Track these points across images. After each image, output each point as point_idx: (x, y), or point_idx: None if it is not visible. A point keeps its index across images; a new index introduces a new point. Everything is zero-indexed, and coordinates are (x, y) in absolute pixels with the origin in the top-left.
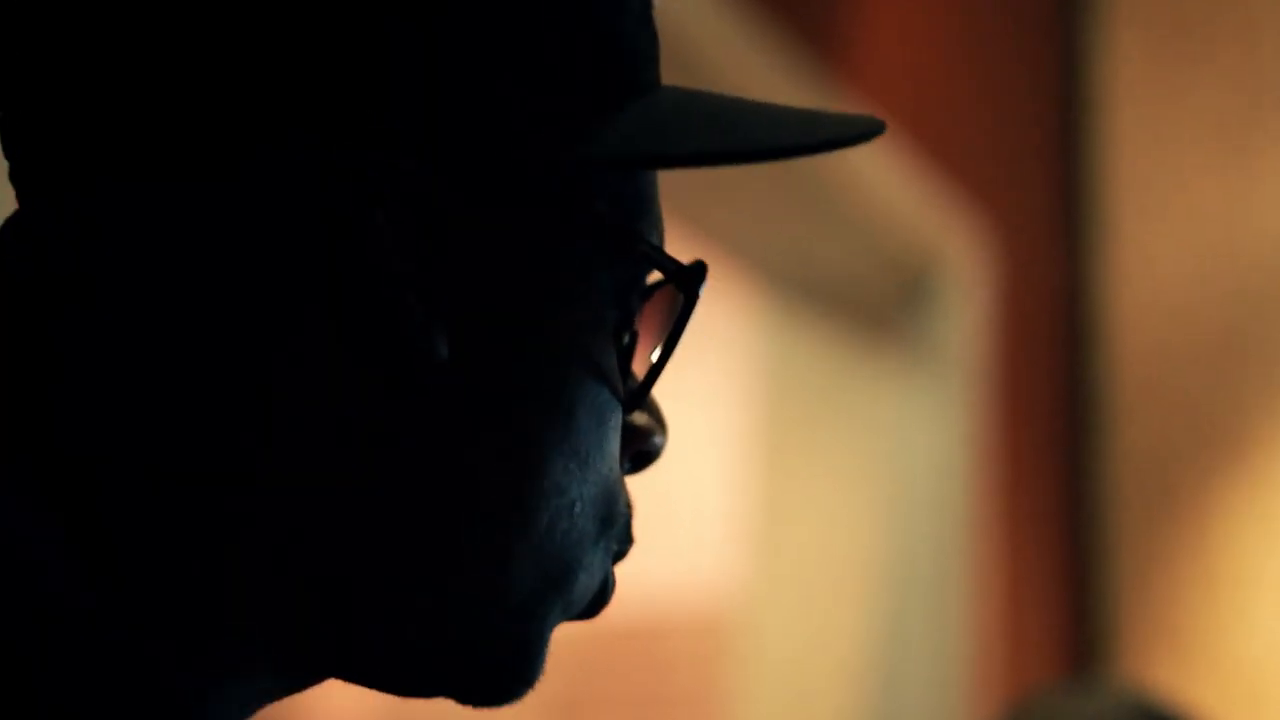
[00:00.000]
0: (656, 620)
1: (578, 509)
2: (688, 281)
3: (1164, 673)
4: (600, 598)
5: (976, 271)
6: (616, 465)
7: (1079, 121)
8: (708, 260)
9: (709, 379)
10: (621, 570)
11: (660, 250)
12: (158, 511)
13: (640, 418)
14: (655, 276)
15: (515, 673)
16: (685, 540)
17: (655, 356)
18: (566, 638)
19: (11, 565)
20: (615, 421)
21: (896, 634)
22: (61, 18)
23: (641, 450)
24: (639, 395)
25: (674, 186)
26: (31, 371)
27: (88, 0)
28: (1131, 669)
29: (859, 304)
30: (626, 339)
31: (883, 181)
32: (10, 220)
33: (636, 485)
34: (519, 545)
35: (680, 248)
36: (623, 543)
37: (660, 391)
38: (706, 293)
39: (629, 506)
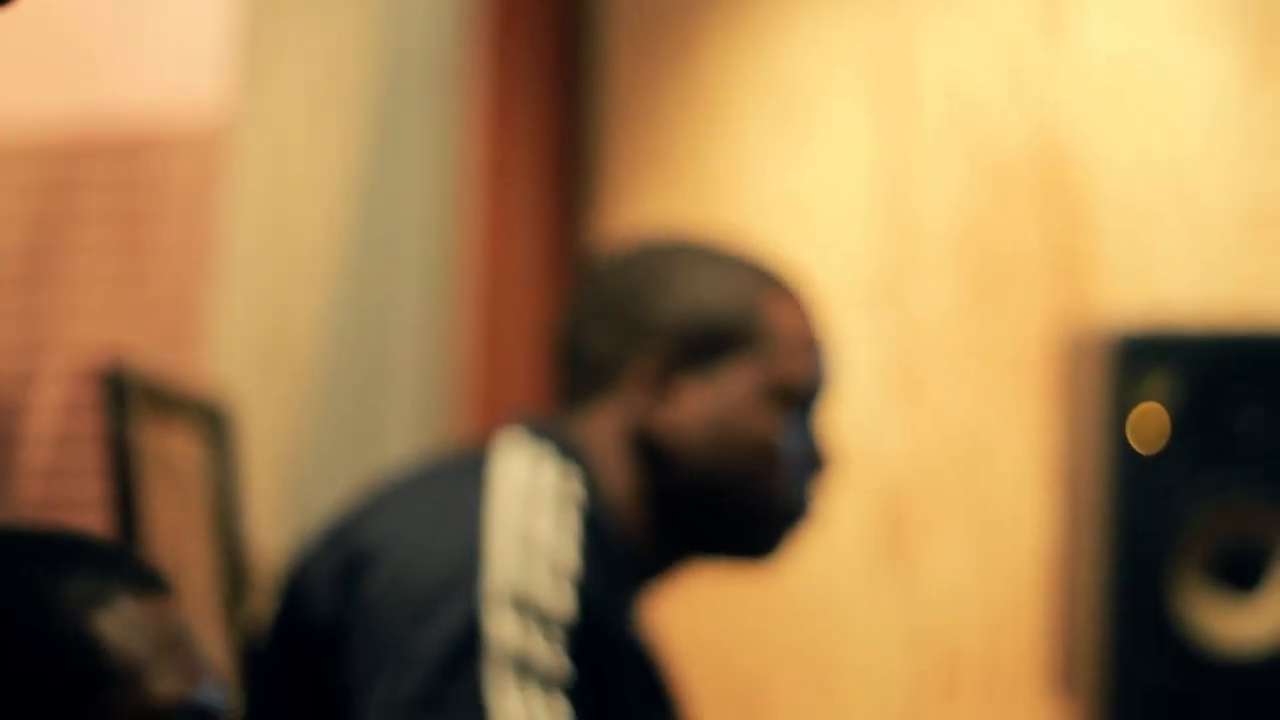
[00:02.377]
0: (140, 134)
1: None
2: None
3: (653, 196)
4: None
5: None
6: None
7: None
8: None
9: None
10: (98, 83)
11: None
12: None
13: None
14: None
15: None
16: (170, 53)
17: None
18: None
19: None
20: None
21: (386, 150)
22: None
23: None
24: None
25: None
26: None
27: None
28: (621, 194)
29: None
30: None
31: None
32: None
33: None
34: None
35: None
36: None
37: None
38: None
39: None
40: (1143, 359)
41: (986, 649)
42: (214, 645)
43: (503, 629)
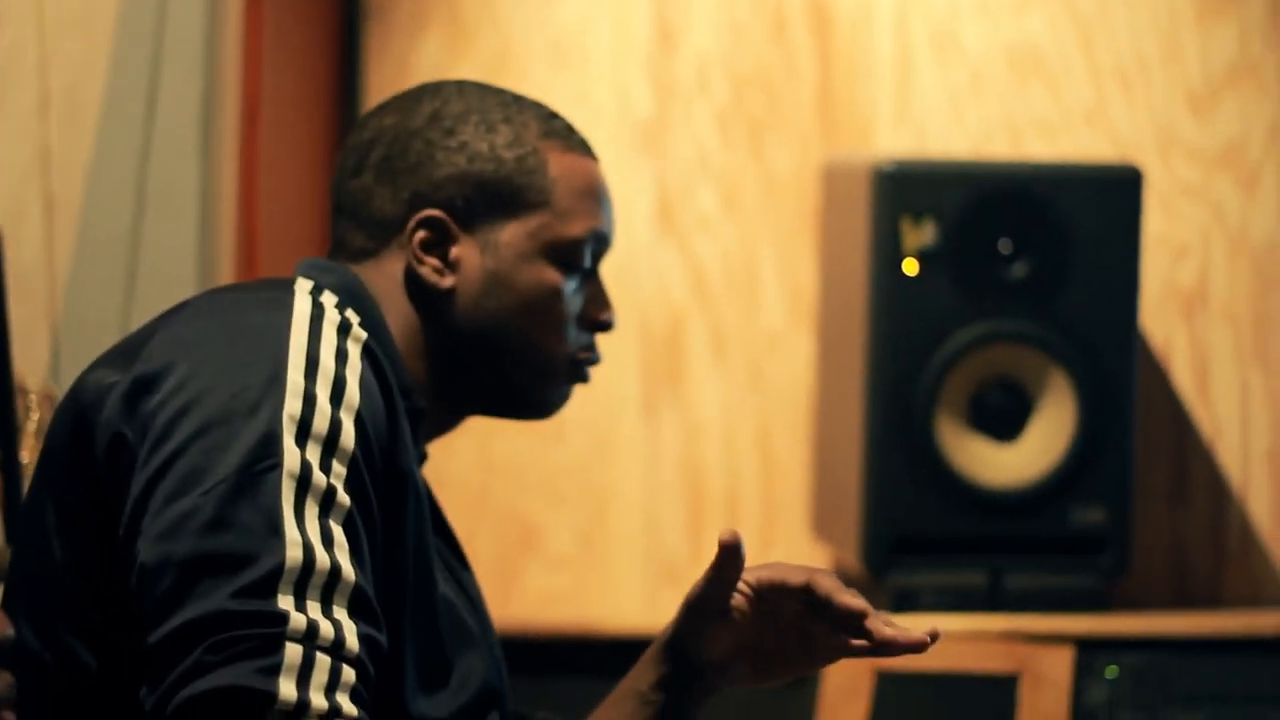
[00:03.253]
0: None
1: None
2: None
3: (426, 43)
4: None
5: None
6: None
7: None
8: None
9: None
10: None
11: None
12: None
13: None
14: None
15: None
16: None
17: None
18: None
19: None
20: None
21: None
22: None
23: None
24: None
25: None
26: None
27: None
28: (393, 41)
29: None
30: None
31: None
32: None
33: None
34: None
35: None
36: None
37: None
38: None
39: None
40: (905, 196)
41: (762, 485)
42: None
43: (292, 455)
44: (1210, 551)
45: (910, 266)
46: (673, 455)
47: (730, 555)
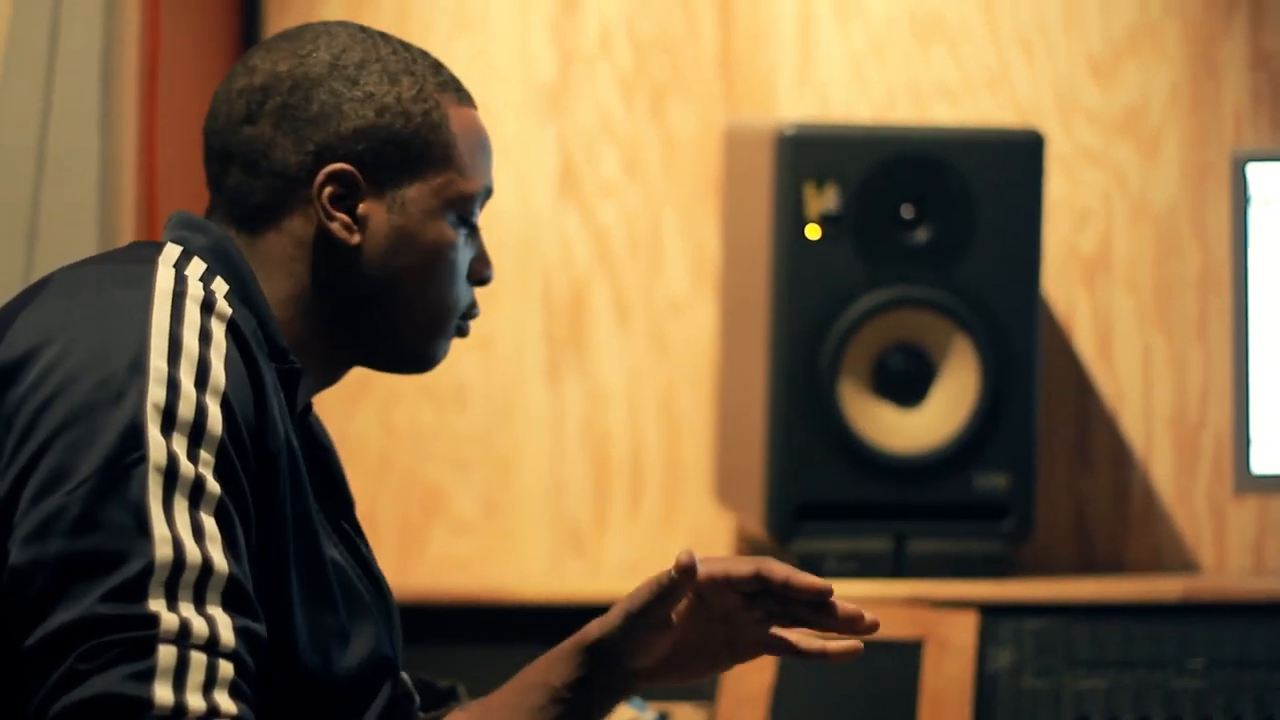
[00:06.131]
0: None
1: None
2: None
3: (333, 7)
4: None
5: None
6: None
7: None
8: None
9: None
10: None
11: None
12: None
13: None
14: None
15: None
16: None
17: None
18: None
19: None
20: None
21: None
22: None
23: None
24: None
25: None
26: None
27: None
28: (298, 4)
29: None
30: None
31: None
32: None
33: None
34: None
35: None
36: None
37: None
38: None
39: None
40: (808, 160)
41: (666, 451)
42: None
43: (158, 447)
44: (1113, 517)
45: (813, 231)
46: (577, 421)
47: (686, 576)
